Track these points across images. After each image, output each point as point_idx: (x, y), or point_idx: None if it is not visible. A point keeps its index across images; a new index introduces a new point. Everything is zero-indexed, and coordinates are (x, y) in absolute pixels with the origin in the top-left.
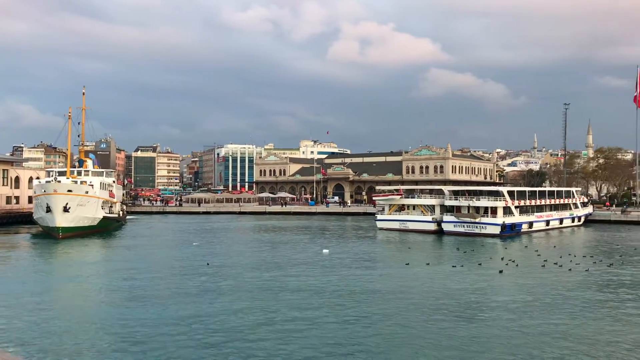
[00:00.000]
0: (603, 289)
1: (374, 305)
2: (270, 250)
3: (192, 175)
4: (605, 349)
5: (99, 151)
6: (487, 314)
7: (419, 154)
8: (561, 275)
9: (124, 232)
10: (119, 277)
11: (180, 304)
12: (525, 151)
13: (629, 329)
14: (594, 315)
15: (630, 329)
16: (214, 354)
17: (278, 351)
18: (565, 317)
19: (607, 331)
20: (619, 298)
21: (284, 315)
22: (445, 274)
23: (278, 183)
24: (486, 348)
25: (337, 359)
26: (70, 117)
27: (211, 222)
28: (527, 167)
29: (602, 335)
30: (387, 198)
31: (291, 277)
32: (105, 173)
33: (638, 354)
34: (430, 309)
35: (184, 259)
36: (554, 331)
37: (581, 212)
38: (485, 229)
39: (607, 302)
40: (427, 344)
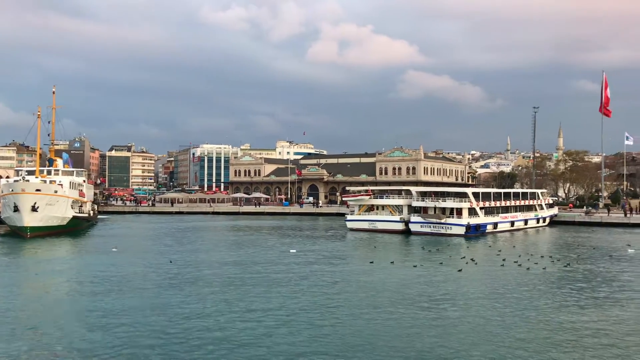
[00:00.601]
0: (554, 286)
1: (330, 298)
2: (235, 249)
3: (167, 175)
4: (540, 336)
5: (72, 150)
6: (438, 308)
7: (391, 156)
8: (518, 273)
9: (94, 231)
10: (82, 275)
11: (133, 297)
12: (500, 153)
13: (567, 318)
14: (535, 308)
15: (570, 319)
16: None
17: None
18: (510, 310)
19: (545, 321)
20: (566, 294)
21: (235, 306)
22: (407, 272)
23: (253, 183)
24: (425, 339)
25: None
26: (40, 116)
27: (183, 222)
28: (498, 169)
29: (540, 325)
30: (357, 199)
31: (252, 273)
32: (76, 172)
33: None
34: (385, 303)
35: (147, 257)
36: (499, 323)
37: (546, 214)
38: (451, 229)
39: (554, 297)
40: (372, 333)
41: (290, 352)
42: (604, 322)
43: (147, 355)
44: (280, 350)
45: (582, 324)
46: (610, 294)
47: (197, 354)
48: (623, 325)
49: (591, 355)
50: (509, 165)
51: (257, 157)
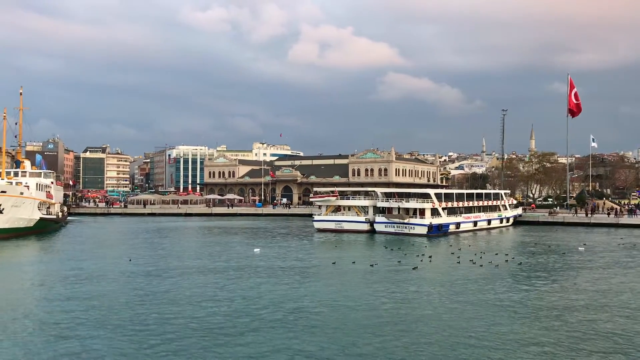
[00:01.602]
0: (501, 280)
1: (280, 292)
2: (200, 249)
3: (143, 176)
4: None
5: (46, 152)
6: (390, 305)
7: (364, 157)
8: (471, 270)
9: (62, 233)
10: (44, 274)
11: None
12: (476, 154)
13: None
14: (476, 300)
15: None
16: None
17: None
18: (455, 300)
19: (485, 315)
20: (511, 288)
21: (186, 300)
22: (365, 270)
23: (227, 185)
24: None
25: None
26: (5, 118)
27: (153, 224)
28: (470, 170)
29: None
30: (324, 199)
31: (207, 271)
32: (44, 174)
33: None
34: (336, 299)
35: (107, 256)
36: (444, 312)
37: (510, 214)
38: (414, 229)
39: (498, 290)
40: (316, 326)
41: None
42: (534, 304)
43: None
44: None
45: (517, 306)
46: (546, 284)
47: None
48: (545, 304)
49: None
50: (483, 166)
51: (231, 158)
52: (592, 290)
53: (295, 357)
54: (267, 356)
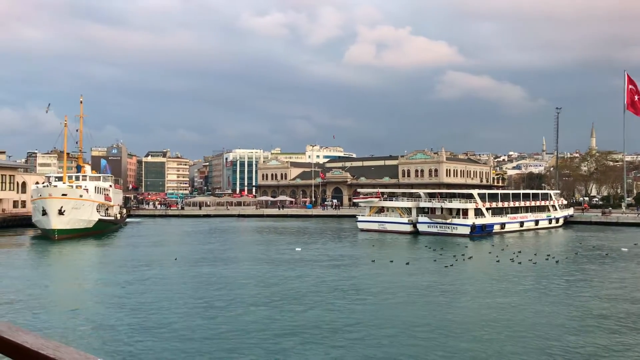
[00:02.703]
0: (532, 278)
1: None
2: (248, 247)
3: (202, 179)
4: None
5: (110, 156)
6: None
7: (414, 158)
8: (508, 267)
9: (120, 233)
10: (103, 270)
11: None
12: (537, 154)
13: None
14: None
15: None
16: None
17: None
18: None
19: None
20: (542, 284)
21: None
22: (403, 269)
23: (279, 187)
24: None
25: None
26: (67, 125)
27: (207, 224)
28: (527, 170)
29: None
30: (367, 200)
31: (250, 268)
32: (102, 178)
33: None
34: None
35: (157, 254)
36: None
37: (559, 214)
38: (456, 229)
39: (527, 285)
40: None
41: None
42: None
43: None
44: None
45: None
46: (573, 284)
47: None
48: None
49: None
50: (542, 166)
51: (283, 161)
52: (608, 288)
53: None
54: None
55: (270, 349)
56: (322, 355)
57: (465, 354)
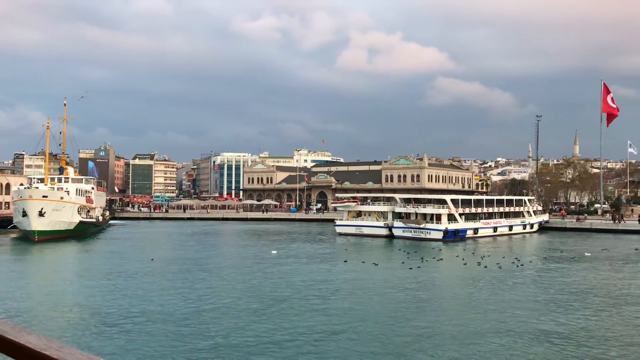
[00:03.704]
0: (493, 278)
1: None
2: (224, 250)
3: (190, 182)
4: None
5: (98, 159)
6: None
7: (396, 164)
8: (471, 270)
9: (102, 235)
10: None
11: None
12: (523, 160)
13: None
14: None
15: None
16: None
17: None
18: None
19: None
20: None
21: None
22: (373, 268)
23: (265, 190)
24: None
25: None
26: (49, 128)
27: (190, 227)
28: (509, 176)
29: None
30: (345, 205)
31: (221, 267)
32: (85, 180)
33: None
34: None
35: (132, 255)
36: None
37: (534, 220)
38: (430, 234)
39: (487, 285)
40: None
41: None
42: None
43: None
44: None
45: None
46: (519, 287)
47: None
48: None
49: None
50: (526, 172)
51: (269, 165)
52: (556, 288)
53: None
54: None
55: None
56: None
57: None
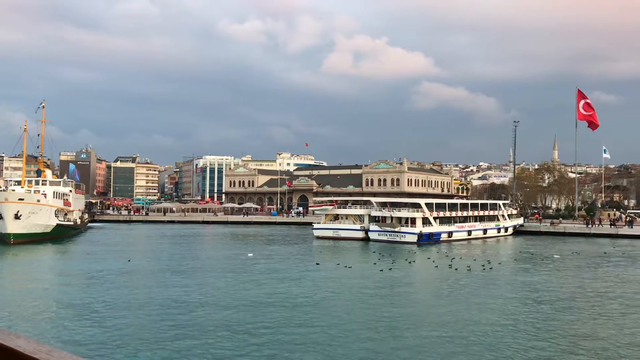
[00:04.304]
0: (460, 278)
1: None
2: (199, 252)
3: (173, 185)
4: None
5: (79, 161)
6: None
7: (377, 168)
8: (441, 272)
9: (80, 238)
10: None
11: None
12: (505, 164)
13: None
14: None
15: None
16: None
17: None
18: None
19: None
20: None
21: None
22: (345, 270)
23: (247, 194)
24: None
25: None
26: (26, 130)
27: (170, 230)
28: (489, 180)
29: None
30: (322, 208)
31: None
32: (63, 183)
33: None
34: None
35: (109, 257)
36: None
37: (509, 224)
38: (404, 237)
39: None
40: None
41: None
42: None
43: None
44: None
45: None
46: (479, 289)
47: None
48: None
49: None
50: (506, 177)
51: (251, 168)
52: (517, 287)
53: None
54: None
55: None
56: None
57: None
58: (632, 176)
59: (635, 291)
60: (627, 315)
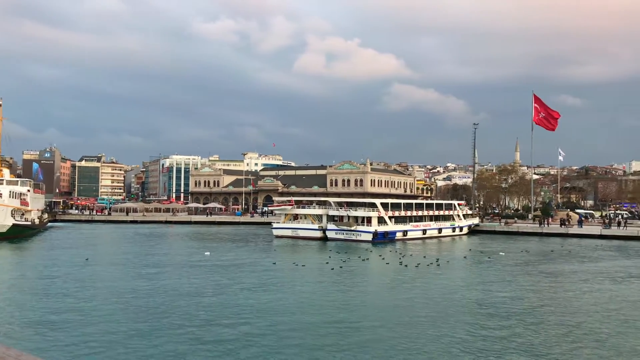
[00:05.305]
0: (406, 274)
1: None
2: (157, 250)
3: (139, 185)
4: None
5: (42, 160)
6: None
7: (341, 168)
8: (389, 268)
9: (37, 238)
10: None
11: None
12: (471, 166)
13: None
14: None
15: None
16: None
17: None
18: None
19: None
20: (407, 276)
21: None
22: (289, 266)
23: (212, 194)
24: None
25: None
26: None
27: (132, 230)
28: (452, 182)
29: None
30: (281, 208)
31: (152, 266)
32: (20, 182)
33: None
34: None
35: (66, 256)
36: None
37: (463, 223)
38: (360, 236)
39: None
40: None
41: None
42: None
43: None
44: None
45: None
46: (418, 284)
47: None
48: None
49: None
50: (470, 178)
51: (216, 168)
52: (452, 282)
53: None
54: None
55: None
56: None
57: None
58: (590, 177)
59: (559, 285)
60: (539, 309)
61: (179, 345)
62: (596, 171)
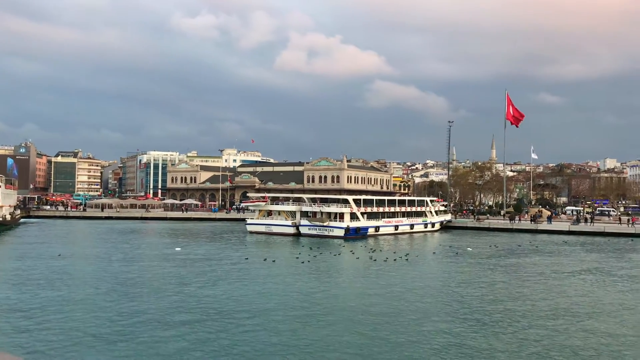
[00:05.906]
0: (372, 267)
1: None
2: (130, 246)
3: (116, 181)
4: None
5: (17, 155)
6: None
7: (318, 165)
8: (359, 263)
9: (9, 234)
10: None
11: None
12: (450, 162)
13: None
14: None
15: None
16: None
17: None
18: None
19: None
20: (377, 270)
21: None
22: (260, 262)
23: (189, 190)
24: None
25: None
26: None
27: (106, 226)
28: (428, 178)
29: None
30: (255, 204)
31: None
32: None
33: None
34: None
35: (39, 250)
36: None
37: (436, 219)
38: (332, 231)
39: (362, 273)
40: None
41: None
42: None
43: None
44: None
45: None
46: (380, 278)
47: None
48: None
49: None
50: (445, 175)
51: (193, 164)
52: (422, 275)
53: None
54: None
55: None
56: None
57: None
58: (564, 175)
59: (516, 277)
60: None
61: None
62: (571, 168)
